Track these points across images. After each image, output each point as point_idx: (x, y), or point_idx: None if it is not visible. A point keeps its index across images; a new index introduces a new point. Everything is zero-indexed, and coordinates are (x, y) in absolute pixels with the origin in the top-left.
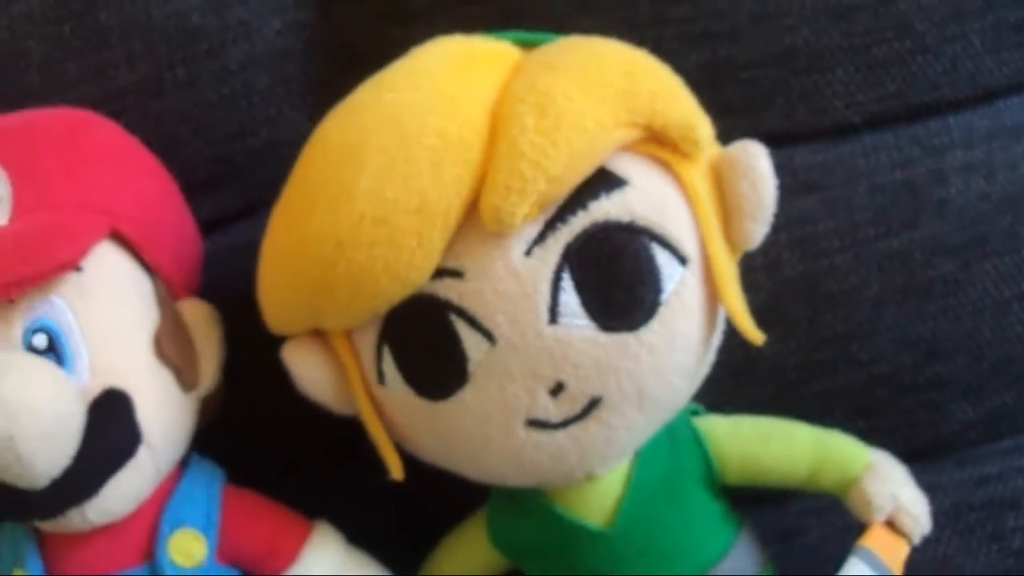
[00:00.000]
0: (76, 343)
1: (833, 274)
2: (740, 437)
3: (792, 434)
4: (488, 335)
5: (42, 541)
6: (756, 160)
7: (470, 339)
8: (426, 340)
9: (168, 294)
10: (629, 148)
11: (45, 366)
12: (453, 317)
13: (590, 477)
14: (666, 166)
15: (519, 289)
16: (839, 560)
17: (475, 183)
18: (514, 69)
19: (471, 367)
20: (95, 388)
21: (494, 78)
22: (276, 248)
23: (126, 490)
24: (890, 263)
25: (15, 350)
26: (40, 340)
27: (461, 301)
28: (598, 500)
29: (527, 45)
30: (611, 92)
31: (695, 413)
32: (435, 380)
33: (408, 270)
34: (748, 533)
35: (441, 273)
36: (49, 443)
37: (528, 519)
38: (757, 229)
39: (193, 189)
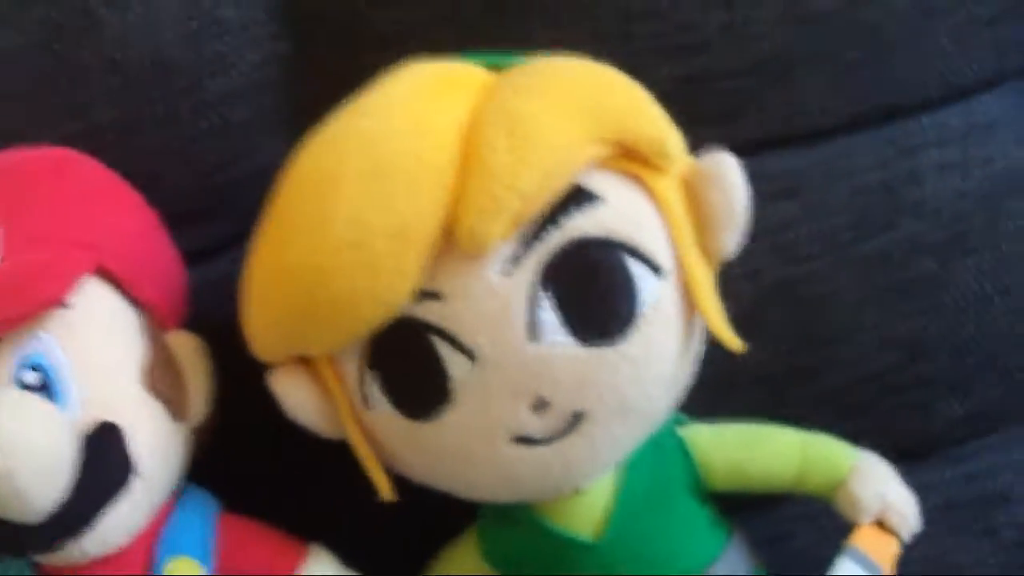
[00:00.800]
0: (66, 378)
1: (813, 278)
2: (724, 444)
3: (777, 439)
4: (469, 354)
5: (41, 574)
6: (726, 170)
7: (452, 359)
8: (409, 362)
9: (155, 327)
10: (601, 164)
11: (36, 402)
12: (434, 338)
13: (577, 491)
14: (638, 180)
15: (498, 308)
16: (830, 563)
17: (450, 205)
18: (484, 92)
19: (454, 386)
20: (87, 422)
21: (465, 101)
22: (257, 277)
23: (121, 521)
24: (870, 265)
25: (6, 387)
26: (31, 377)
27: (441, 322)
28: (586, 513)
29: (497, 67)
30: (581, 110)
31: (679, 423)
32: (419, 401)
33: (387, 293)
34: (738, 538)
35: (421, 296)
36: (45, 477)
37: (518, 533)
38: (731, 238)
39: (176, 222)
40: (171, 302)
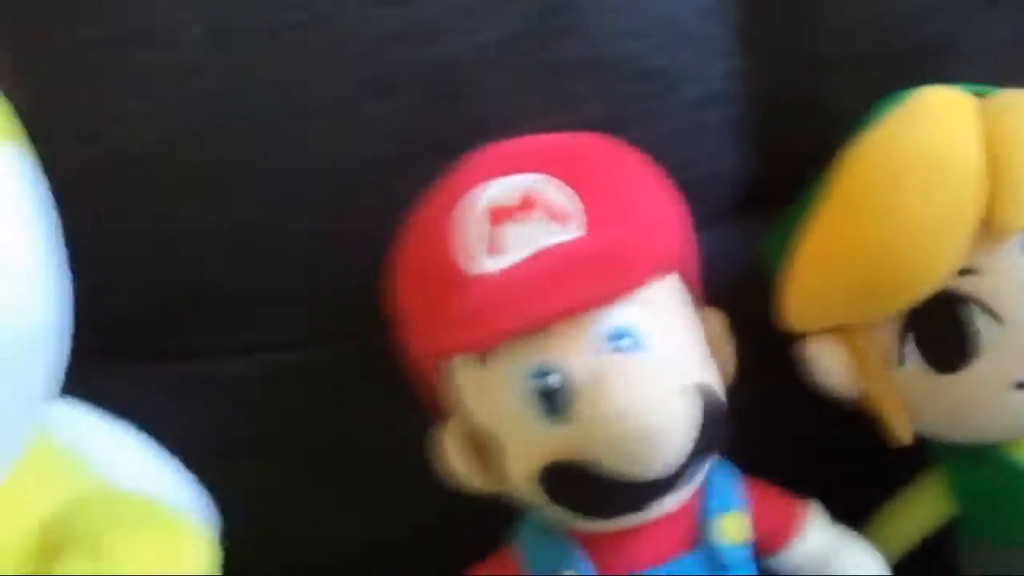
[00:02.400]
0: (654, 346)
1: None
2: None
3: None
4: (997, 318)
5: (582, 542)
6: None
7: (982, 322)
8: (946, 326)
9: (695, 303)
10: None
11: (648, 363)
12: (970, 306)
13: None
14: None
15: (1020, 280)
16: None
17: (985, 200)
18: (980, 113)
19: (980, 344)
20: (685, 384)
21: (975, 121)
22: (812, 253)
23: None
24: None
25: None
26: (624, 344)
27: (977, 293)
28: None
29: (977, 94)
30: None
31: None
32: (950, 357)
33: (937, 272)
34: None
35: (961, 272)
36: (681, 437)
37: (986, 472)
38: None
39: None
40: (697, 278)
